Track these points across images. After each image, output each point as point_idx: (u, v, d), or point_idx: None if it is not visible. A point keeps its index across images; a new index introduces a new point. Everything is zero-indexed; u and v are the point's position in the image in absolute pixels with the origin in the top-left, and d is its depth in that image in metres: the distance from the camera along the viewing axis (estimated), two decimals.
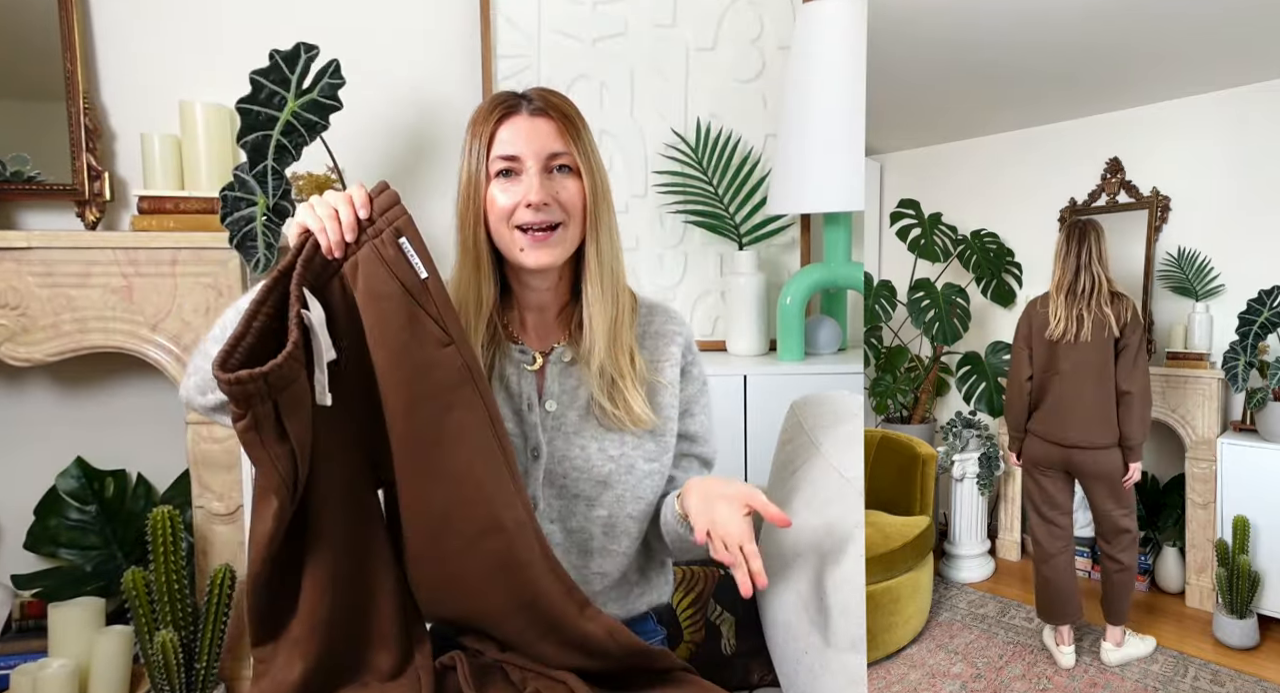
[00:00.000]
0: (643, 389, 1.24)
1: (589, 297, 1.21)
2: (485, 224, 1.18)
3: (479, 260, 1.19)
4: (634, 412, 1.22)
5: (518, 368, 1.25)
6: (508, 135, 1.17)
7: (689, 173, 2.40)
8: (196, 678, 1.97)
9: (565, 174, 1.18)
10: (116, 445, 2.38)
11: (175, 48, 2.29)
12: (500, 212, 1.17)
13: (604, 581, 1.28)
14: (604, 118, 2.38)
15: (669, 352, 1.29)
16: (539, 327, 1.27)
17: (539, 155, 1.16)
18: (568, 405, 1.24)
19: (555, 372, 1.25)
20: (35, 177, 2.20)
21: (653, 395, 1.26)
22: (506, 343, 1.24)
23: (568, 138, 1.18)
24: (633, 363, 1.23)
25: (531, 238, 1.16)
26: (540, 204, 1.15)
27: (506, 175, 1.17)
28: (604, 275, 1.21)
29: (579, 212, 1.19)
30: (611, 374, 1.21)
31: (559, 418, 1.24)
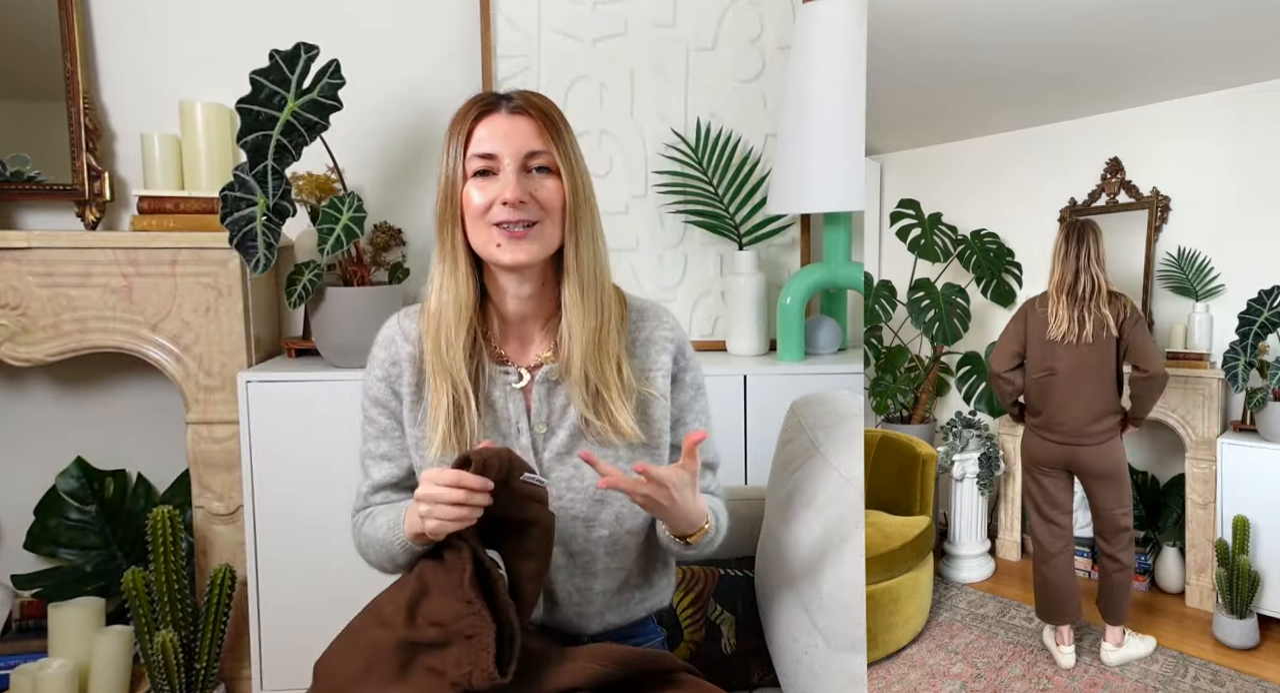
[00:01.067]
0: (631, 401, 1.20)
1: (568, 301, 1.18)
2: (463, 224, 1.17)
3: (456, 261, 1.17)
4: (619, 426, 1.18)
5: (503, 389, 1.22)
6: (485, 133, 1.16)
7: (689, 173, 2.40)
8: (196, 678, 1.97)
9: (544, 174, 1.16)
10: (116, 445, 2.39)
11: (175, 48, 2.29)
12: (476, 209, 1.15)
13: (606, 597, 1.27)
14: (604, 118, 2.38)
15: (659, 360, 1.25)
16: (522, 338, 1.24)
17: (516, 154, 1.14)
18: (558, 425, 1.21)
19: (543, 392, 1.22)
20: (35, 177, 2.20)
21: (644, 408, 1.23)
22: (491, 363, 1.21)
23: (547, 137, 1.16)
24: (619, 372, 1.19)
25: (508, 234, 1.14)
26: (516, 201, 1.13)
27: (484, 175, 1.15)
28: (584, 279, 1.18)
29: (557, 210, 1.16)
30: (596, 384, 1.18)
31: (549, 439, 1.22)
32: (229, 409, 2.08)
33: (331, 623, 1.20)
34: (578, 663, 1.14)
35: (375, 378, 1.26)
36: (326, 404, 2.02)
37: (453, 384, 1.18)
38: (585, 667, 1.13)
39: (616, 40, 2.37)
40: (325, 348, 2.10)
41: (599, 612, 1.27)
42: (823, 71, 2.14)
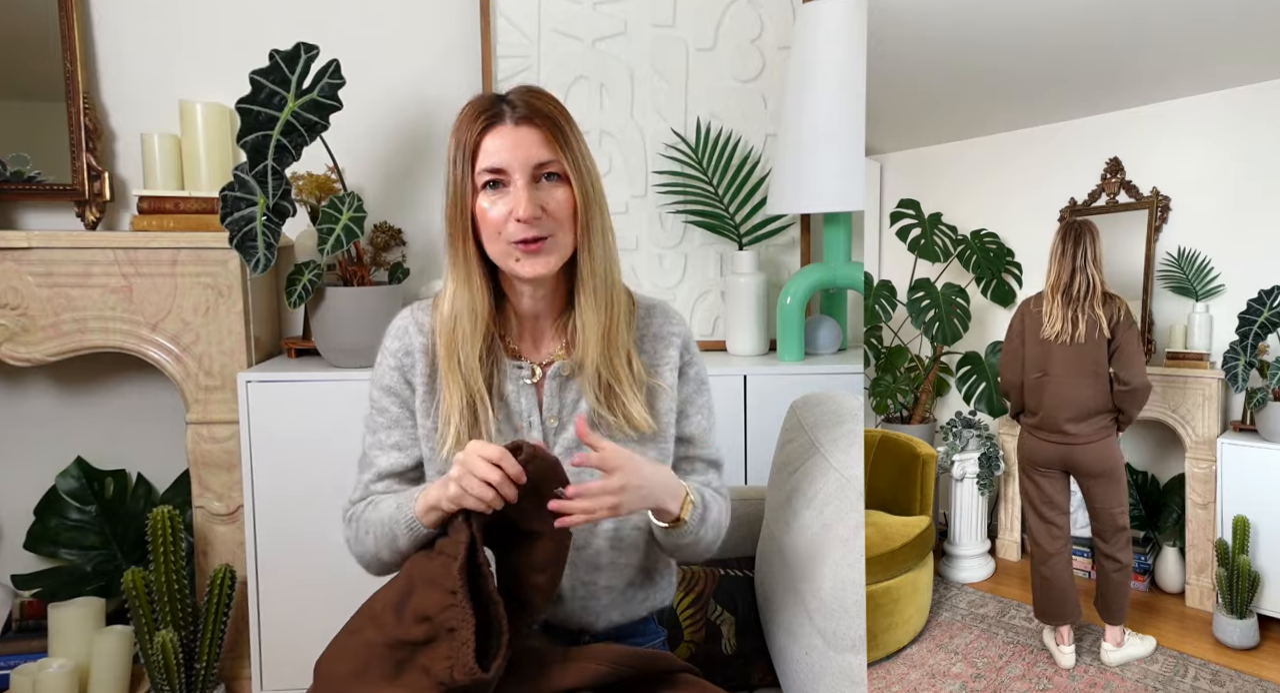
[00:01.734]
0: (641, 393, 1.22)
1: (582, 303, 1.20)
2: (475, 236, 1.17)
3: (470, 273, 1.18)
4: (633, 418, 1.21)
5: (516, 384, 1.24)
6: (493, 146, 1.15)
7: (689, 173, 2.40)
8: (196, 678, 1.97)
9: (554, 182, 1.16)
10: (116, 445, 2.39)
11: (175, 48, 2.29)
12: (492, 225, 1.15)
13: (611, 593, 1.27)
14: (604, 118, 2.38)
15: (667, 355, 1.27)
16: (535, 334, 1.26)
17: (525, 166, 1.14)
18: (568, 419, 1.23)
19: (554, 387, 1.24)
20: (35, 177, 2.20)
21: (652, 400, 1.25)
22: (505, 359, 1.23)
23: (555, 145, 1.16)
24: (630, 366, 1.22)
25: (524, 249, 1.14)
26: (530, 219, 1.13)
27: (494, 187, 1.15)
28: (597, 281, 1.19)
29: (569, 220, 1.17)
30: (608, 380, 1.20)
31: (560, 433, 1.23)
32: (229, 409, 2.08)
33: (331, 623, 1.20)
34: (579, 663, 1.14)
35: (388, 367, 1.26)
36: (326, 404, 2.02)
37: (466, 387, 1.19)
38: (586, 667, 1.14)
39: (616, 40, 2.38)
40: (325, 348, 2.10)
41: (604, 608, 1.27)
42: (823, 71, 2.14)
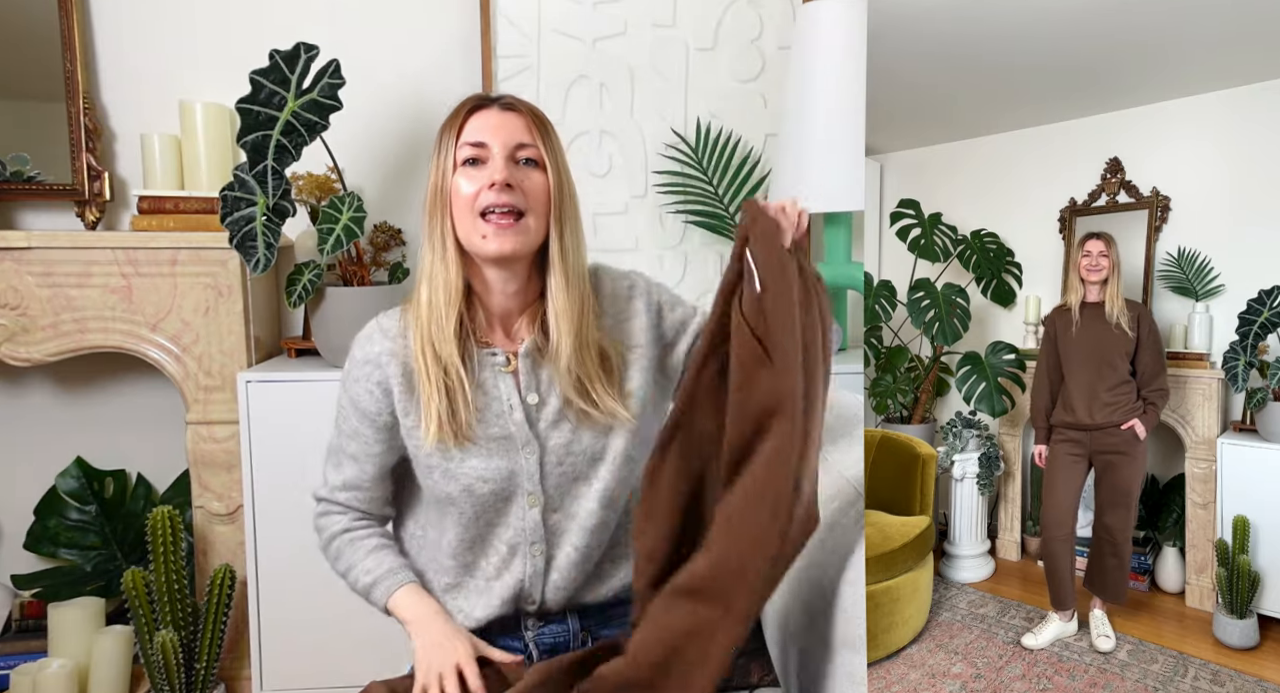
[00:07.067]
0: (615, 385, 1.23)
1: (553, 290, 1.21)
2: (451, 216, 1.19)
3: (445, 247, 1.19)
4: (606, 410, 1.21)
5: (492, 371, 1.24)
6: (476, 125, 1.19)
7: (689, 173, 2.40)
8: (196, 678, 1.97)
9: (531, 167, 1.19)
10: (116, 445, 2.38)
11: (175, 48, 2.29)
12: (465, 199, 1.17)
13: (602, 549, 1.28)
14: (604, 118, 2.38)
15: (638, 336, 1.27)
16: (506, 329, 1.27)
17: (505, 144, 1.17)
18: (548, 393, 1.24)
19: (528, 366, 1.24)
20: (35, 177, 2.20)
21: (625, 377, 1.25)
22: (477, 349, 1.23)
23: (536, 133, 1.19)
24: (601, 362, 1.22)
25: (495, 225, 1.16)
26: (504, 184, 1.15)
27: (473, 164, 1.18)
28: (569, 270, 1.20)
29: (542, 204, 1.19)
30: (579, 374, 1.21)
31: (542, 409, 1.24)
32: (229, 409, 2.08)
33: (331, 623, 1.21)
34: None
35: (352, 379, 1.29)
36: (327, 404, 2.00)
37: (444, 369, 1.20)
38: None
39: (616, 40, 2.38)
40: (325, 348, 2.10)
41: (599, 577, 1.28)
42: (823, 71, 2.14)
